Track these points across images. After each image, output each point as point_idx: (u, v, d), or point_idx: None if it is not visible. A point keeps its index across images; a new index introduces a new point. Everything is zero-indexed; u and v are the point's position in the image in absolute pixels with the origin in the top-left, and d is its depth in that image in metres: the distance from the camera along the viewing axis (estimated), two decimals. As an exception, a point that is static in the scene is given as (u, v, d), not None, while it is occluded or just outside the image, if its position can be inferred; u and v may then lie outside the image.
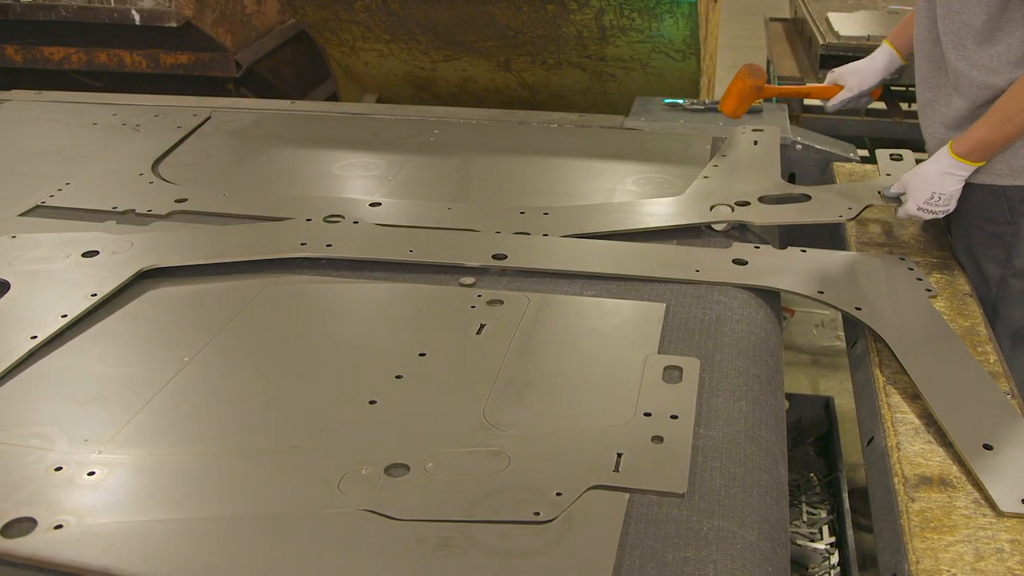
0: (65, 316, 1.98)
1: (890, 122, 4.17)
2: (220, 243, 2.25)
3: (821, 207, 2.42)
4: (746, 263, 2.17)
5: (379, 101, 4.58)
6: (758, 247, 2.23)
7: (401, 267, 2.19)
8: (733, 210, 2.39)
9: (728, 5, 5.81)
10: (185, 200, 2.57)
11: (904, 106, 4.25)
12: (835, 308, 2.03)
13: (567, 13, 3.75)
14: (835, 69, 2.82)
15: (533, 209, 2.43)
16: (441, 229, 2.32)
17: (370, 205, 2.49)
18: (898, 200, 2.35)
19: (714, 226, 2.35)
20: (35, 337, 1.91)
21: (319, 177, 2.81)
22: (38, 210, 2.57)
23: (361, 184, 2.71)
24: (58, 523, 1.43)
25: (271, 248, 2.22)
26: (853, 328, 2.10)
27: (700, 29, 3.75)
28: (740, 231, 2.36)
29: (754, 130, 2.95)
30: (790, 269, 2.16)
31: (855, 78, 2.76)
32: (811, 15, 4.60)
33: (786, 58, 4.58)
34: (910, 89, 4.15)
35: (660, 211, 2.41)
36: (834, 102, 2.79)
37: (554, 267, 2.13)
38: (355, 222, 2.34)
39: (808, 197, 2.46)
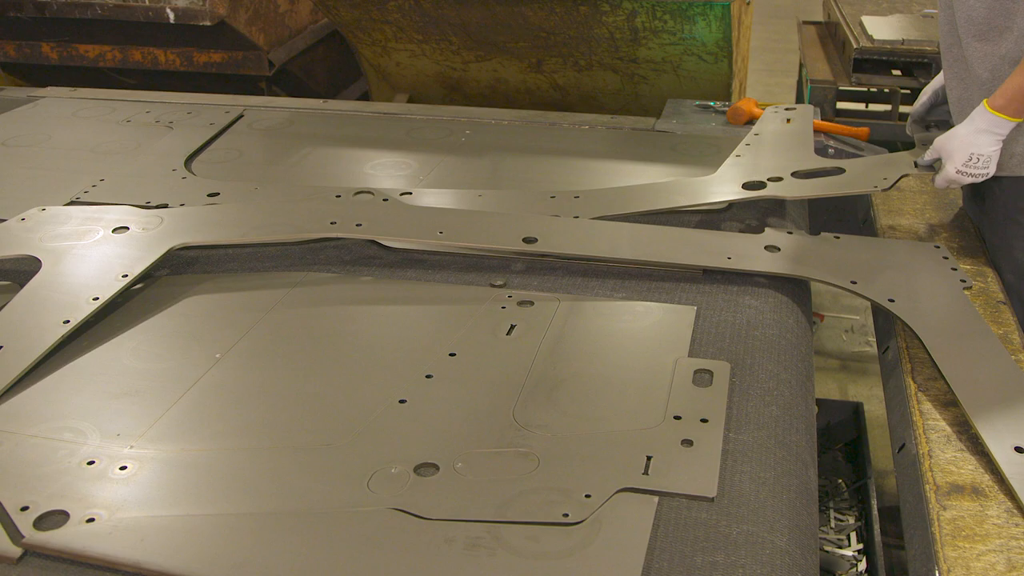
0: (96, 299, 1.99)
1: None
2: (250, 221, 2.25)
3: (856, 179, 2.38)
4: (778, 250, 2.15)
5: (410, 101, 4.59)
6: (791, 232, 2.22)
7: (432, 266, 2.20)
8: (766, 186, 2.37)
9: (760, 7, 5.79)
10: (217, 194, 2.59)
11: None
12: (867, 299, 2.01)
13: (599, 15, 3.75)
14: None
15: (564, 193, 2.44)
16: (472, 213, 2.30)
17: (401, 195, 2.49)
18: (933, 168, 2.30)
19: (746, 198, 2.33)
20: (67, 322, 1.92)
21: (351, 175, 2.82)
22: (72, 206, 2.59)
23: (393, 183, 2.72)
24: (90, 516, 1.44)
25: (300, 227, 2.22)
26: (885, 330, 2.08)
27: (733, 32, 3.74)
28: (773, 215, 2.34)
29: (787, 109, 2.93)
30: (822, 257, 2.13)
31: None
32: (845, 18, 4.57)
33: (819, 61, 4.55)
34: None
35: (692, 190, 2.40)
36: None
37: (585, 252, 2.12)
38: (384, 200, 2.32)
39: (842, 170, 2.43)
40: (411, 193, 2.49)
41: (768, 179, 2.39)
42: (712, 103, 3.29)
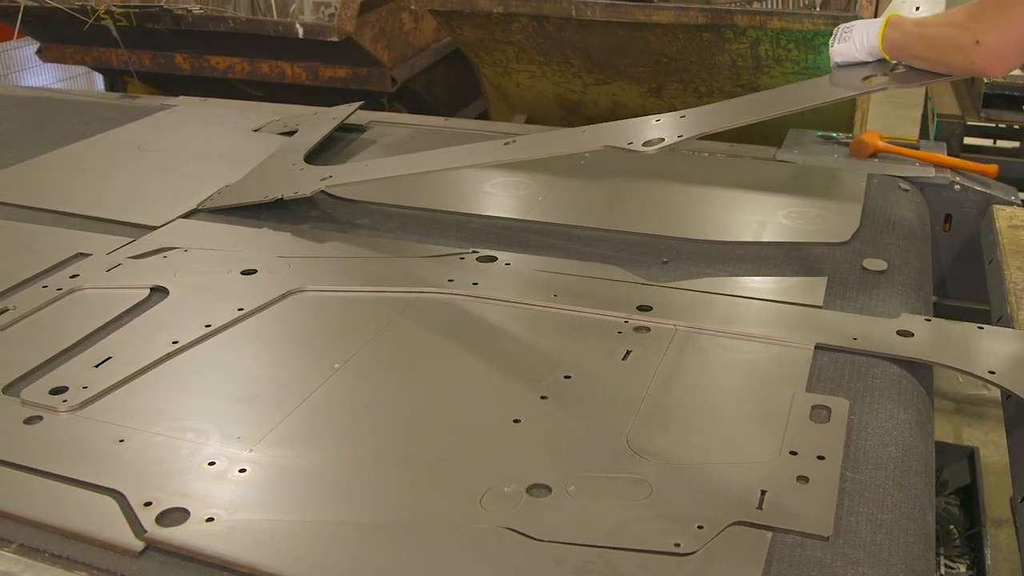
0: (209, 326, 2.05)
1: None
2: (369, 274, 2.30)
3: None
4: (912, 335, 2.02)
5: (528, 122, 4.63)
6: (929, 320, 2.08)
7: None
8: (886, 76, 2.31)
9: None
10: (330, 176, 2.69)
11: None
12: (1008, 391, 1.86)
13: (723, 42, 3.74)
14: None
15: (670, 116, 2.47)
16: (587, 277, 2.28)
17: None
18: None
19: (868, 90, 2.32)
20: (176, 343, 1.99)
21: (469, 195, 2.86)
22: (197, 213, 2.70)
23: (511, 204, 2.75)
24: (209, 516, 1.48)
25: (419, 282, 2.25)
26: (1016, 419, 1.98)
27: (858, 62, 3.69)
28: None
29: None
30: (959, 344, 2.00)
31: None
32: (975, 53, 4.45)
33: (946, 95, 4.46)
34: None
35: (809, 90, 2.37)
36: None
37: (698, 325, 2.03)
38: (507, 264, 2.35)
39: None
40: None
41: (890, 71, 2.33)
42: (835, 134, 3.24)
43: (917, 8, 2.73)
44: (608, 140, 2.42)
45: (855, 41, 2.30)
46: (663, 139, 2.33)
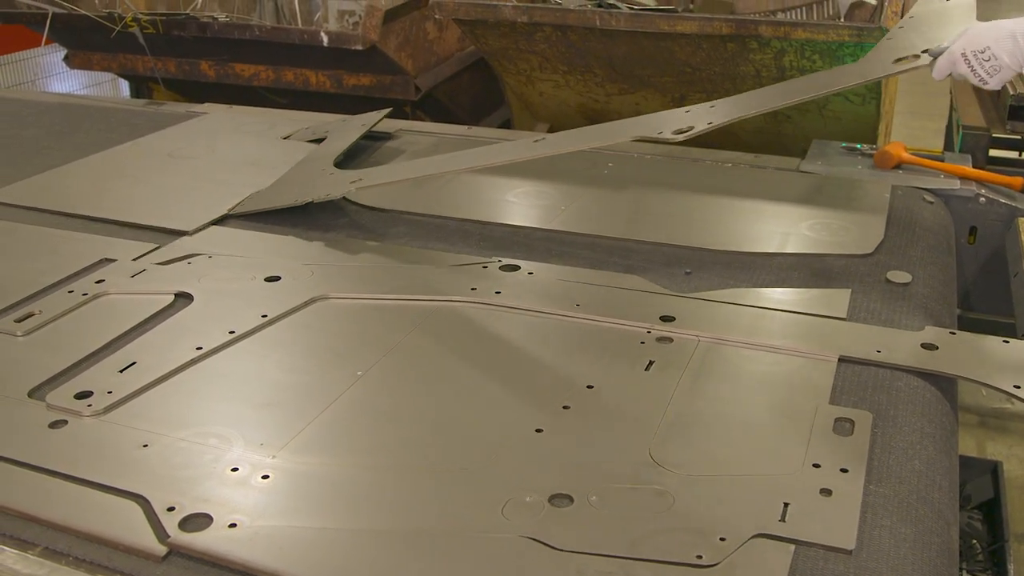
0: (232, 332, 2.06)
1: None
2: (393, 282, 2.31)
3: None
4: (936, 348, 2.01)
5: (550, 131, 4.63)
6: (954, 333, 2.07)
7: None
8: (919, 57, 2.25)
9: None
10: (360, 180, 2.69)
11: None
12: None
13: (747, 52, 3.74)
14: None
15: (699, 107, 2.46)
16: (610, 287, 2.27)
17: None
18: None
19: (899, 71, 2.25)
20: (200, 348, 2.00)
21: (492, 203, 2.87)
22: (227, 220, 2.71)
23: (535, 213, 2.75)
24: (232, 522, 1.49)
25: (442, 290, 2.25)
26: None
27: (883, 74, 3.68)
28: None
29: None
30: (984, 358, 1.98)
31: None
32: (1001, 64, 4.43)
33: (972, 106, 4.43)
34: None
35: (837, 74, 2.35)
36: None
37: (722, 336, 2.03)
38: (530, 273, 2.35)
39: None
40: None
41: (924, 51, 2.27)
42: (859, 146, 3.22)
43: None
44: (638, 132, 2.42)
45: (1007, 56, 1.98)
46: (692, 127, 2.32)
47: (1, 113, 3.84)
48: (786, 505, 1.50)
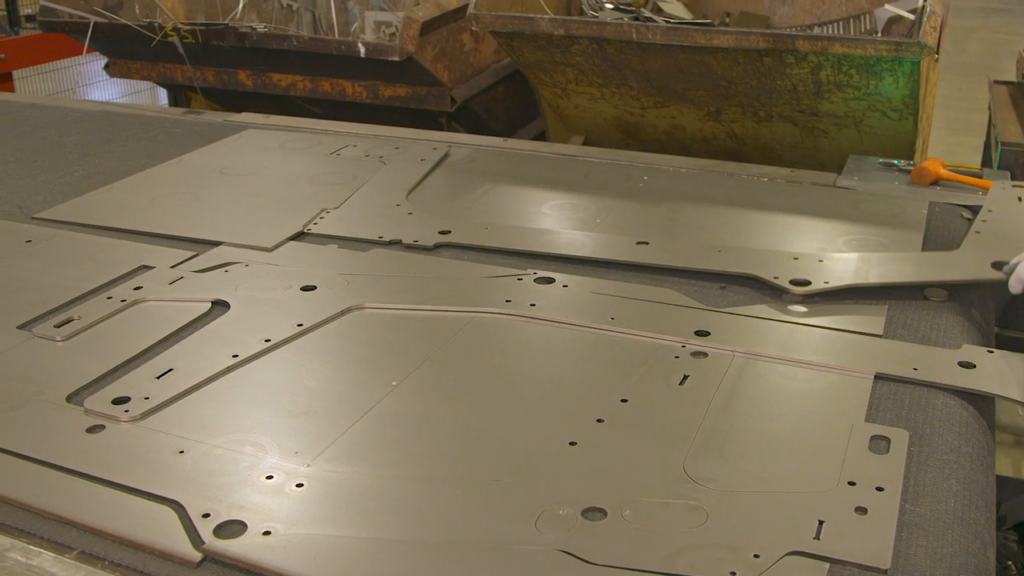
0: (268, 341, 2.08)
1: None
2: (427, 292, 2.31)
3: None
4: (974, 366, 1.99)
5: (585, 143, 4.64)
6: (991, 351, 2.05)
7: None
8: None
9: (945, 64, 5.62)
10: (449, 232, 2.65)
11: None
12: None
13: (783, 66, 3.72)
14: None
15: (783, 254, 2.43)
16: (645, 301, 2.27)
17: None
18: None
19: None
20: (236, 356, 2.02)
21: (528, 215, 2.87)
22: (303, 237, 2.67)
23: (570, 226, 2.75)
24: (267, 529, 1.50)
25: (477, 301, 2.26)
26: None
27: (920, 88, 3.65)
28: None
29: (1015, 186, 2.83)
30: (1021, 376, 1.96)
31: None
32: (1042, 81, 4.40)
33: (1011, 123, 4.39)
34: None
35: (938, 264, 2.35)
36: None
37: (757, 351, 2.03)
38: (564, 286, 2.35)
39: None
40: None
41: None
42: (896, 161, 3.20)
43: (1021, 199, 2.73)
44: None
45: None
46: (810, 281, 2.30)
47: (44, 121, 3.90)
48: (821, 523, 1.49)
